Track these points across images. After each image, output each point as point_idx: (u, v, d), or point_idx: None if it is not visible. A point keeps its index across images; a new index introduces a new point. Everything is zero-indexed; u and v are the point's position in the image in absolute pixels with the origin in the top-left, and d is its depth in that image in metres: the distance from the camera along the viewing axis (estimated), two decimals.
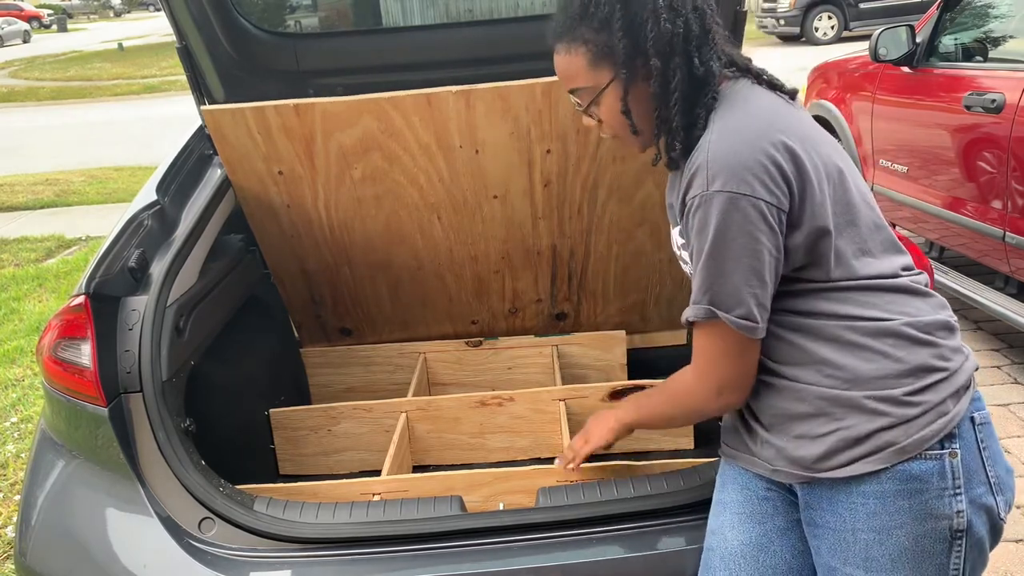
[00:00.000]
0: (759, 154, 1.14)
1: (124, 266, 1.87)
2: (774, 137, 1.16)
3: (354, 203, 2.32)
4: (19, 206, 7.85)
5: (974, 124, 3.42)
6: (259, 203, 2.33)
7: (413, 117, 2.10)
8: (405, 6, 2.71)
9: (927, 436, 1.17)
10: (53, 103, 16.78)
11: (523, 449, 2.52)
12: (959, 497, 1.17)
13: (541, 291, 2.69)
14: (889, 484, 1.17)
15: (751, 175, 1.12)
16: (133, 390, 1.75)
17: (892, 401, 1.17)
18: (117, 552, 1.67)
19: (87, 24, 45.21)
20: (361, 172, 2.22)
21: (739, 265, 1.14)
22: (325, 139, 2.14)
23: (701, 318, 1.19)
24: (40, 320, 4.70)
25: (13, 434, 3.51)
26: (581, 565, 1.58)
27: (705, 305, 1.18)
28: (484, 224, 2.42)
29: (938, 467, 1.17)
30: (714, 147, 1.16)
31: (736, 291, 1.16)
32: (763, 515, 1.35)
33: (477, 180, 2.27)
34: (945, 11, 3.90)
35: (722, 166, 1.14)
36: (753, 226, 1.13)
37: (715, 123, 1.20)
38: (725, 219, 1.13)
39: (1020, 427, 3.13)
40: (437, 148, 2.17)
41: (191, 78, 2.35)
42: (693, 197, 1.17)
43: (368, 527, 1.64)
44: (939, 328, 1.22)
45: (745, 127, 1.18)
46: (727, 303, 1.17)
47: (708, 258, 1.16)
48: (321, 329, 2.81)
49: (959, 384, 1.20)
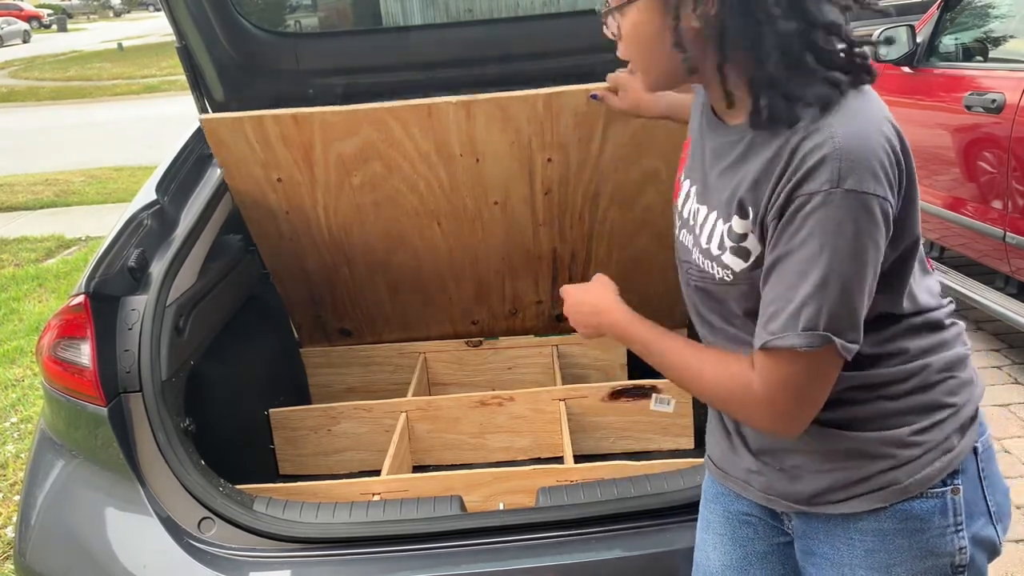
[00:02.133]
0: (883, 142, 0.95)
1: (124, 266, 1.87)
2: (886, 121, 0.98)
3: (353, 209, 2.32)
4: (19, 206, 7.84)
5: (974, 124, 3.41)
6: (257, 208, 2.33)
7: (413, 128, 2.10)
8: (405, 6, 2.70)
9: (930, 475, 1.09)
10: (53, 103, 16.76)
11: (523, 449, 2.52)
12: (961, 534, 1.11)
13: (541, 293, 2.69)
14: (888, 523, 1.11)
15: (881, 169, 0.94)
16: (133, 390, 1.75)
17: (897, 443, 1.09)
18: (117, 552, 1.67)
19: (87, 24, 45.18)
20: (360, 179, 2.22)
21: (860, 280, 0.96)
22: (324, 148, 2.14)
23: (814, 346, 0.96)
24: (40, 320, 4.69)
25: (13, 434, 3.51)
26: (581, 565, 1.58)
27: (820, 332, 0.95)
28: (484, 230, 2.42)
29: (940, 505, 1.10)
30: (846, 139, 0.94)
31: (854, 312, 0.97)
32: (743, 539, 1.30)
33: (477, 188, 2.27)
34: (945, 11, 3.90)
35: (854, 158, 0.93)
36: (880, 233, 0.95)
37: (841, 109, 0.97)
38: (856, 225, 0.93)
39: (1020, 427, 3.13)
40: (437, 157, 2.17)
41: (191, 78, 2.35)
42: (813, 193, 0.94)
43: (368, 527, 1.64)
44: (957, 363, 1.13)
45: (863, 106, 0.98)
46: (842, 326, 0.96)
47: (830, 272, 0.94)
48: (321, 329, 2.81)
49: (965, 417, 1.12)
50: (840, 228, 0.93)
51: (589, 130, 2.12)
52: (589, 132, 2.13)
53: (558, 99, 2.03)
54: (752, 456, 1.20)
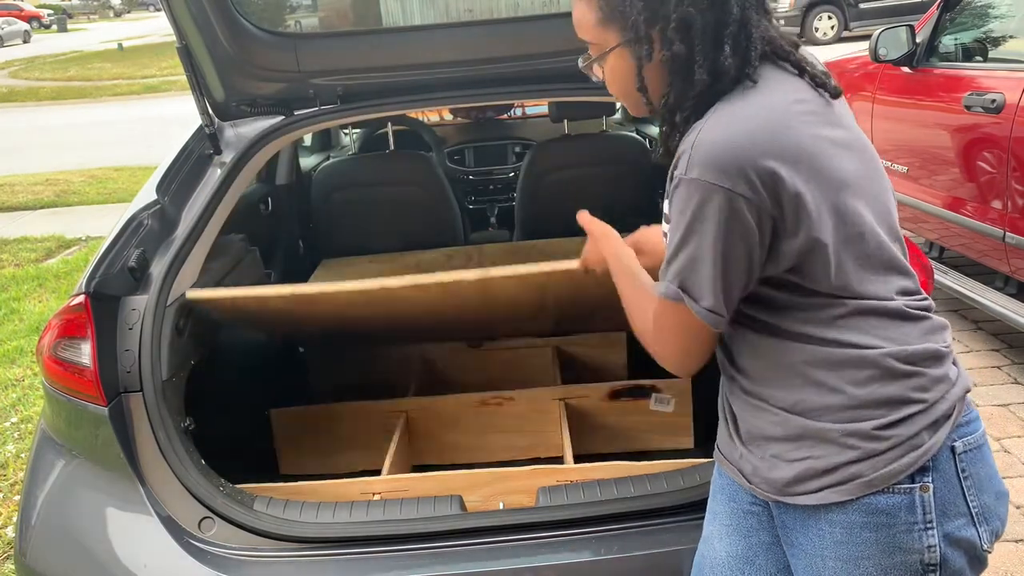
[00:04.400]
0: (744, 150, 1.06)
1: (124, 266, 1.87)
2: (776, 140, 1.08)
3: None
4: (19, 206, 7.85)
5: (974, 124, 3.41)
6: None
7: (422, 297, 2.03)
8: (405, 6, 2.70)
9: (895, 471, 1.12)
10: (53, 103, 16.77)
11: (523, 449, 2.52)
12: (931, 532, 1.13)
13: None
14: (855, 515, 1.14)
15: (735, 169, 1.06)
16: (133, 389, 1.75)
17: (861, 435, 1.13)
18: (117, 552, 1.67)
19: (87, 24, 45.17)
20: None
21: (714, 257, 1.09)
22: (322, 311, 2.15)
23: (670, 297, 1.14)
24: (40, 320, 4.69)
25: (13, 434, 3.51)
26: (581, 565, 1.58)
27: (676, 286, 1.13)
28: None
29: (907, 501, 1.12)
30: (704, 134, 1.09)
31: (707, 281, 1.11)
32: (748, 529, 1.33)
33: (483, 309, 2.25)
34: (945, 11, 3.90)
35: (705, 156, 1.07)
36: (730, 219, 1.07)
37: (719, 109, 1.11)
38: (703, 207, 1.08)
39: (1020, 427, 3.13)
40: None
41: (191, 78, 2.35)
42: (676, 178, 1.11)
43: (368, 527, 1.65)
44: (925, 358, 1.15)
45: (742, 118, 1.09)
46: (696, 291, 1.12)
47: (682, 242, 1.11)
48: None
49: (938, 414, 1.14)
50: (691, 207, 1.09)
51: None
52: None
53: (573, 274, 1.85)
54: (740, 442, 1.26)
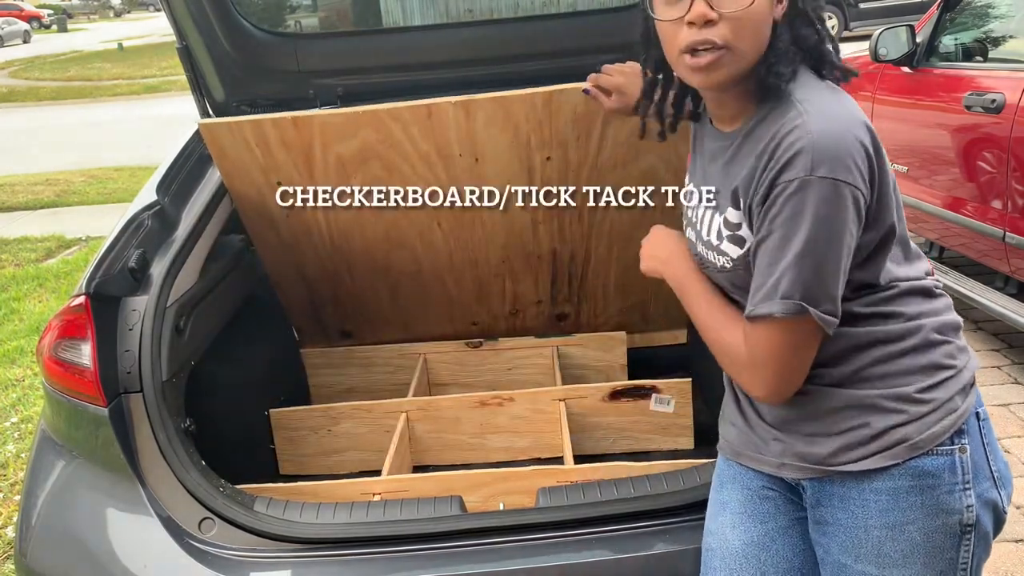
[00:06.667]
0: (855, 141, 1.09)
1: (124, 266, 1.87)
2: (860, 125, 1.11)
3: (353, 211, 2.32)
4: (19, 206, 7.84)
5: (974, 124, 3.41)
6: (257, 212, 2.33)
7: (412, 128, 2.09)
8: (405, 6, 2.71)
9: (939, 432, 1.17)
10: (53, 103, 16.76)
11: (523, 449, 2.52)
12: (969, 492, 1.19)
13: (541, 293, 2.69)
14: (902, 480, 1.18)
15: (853, 163, 1.07)
16: (133, 390, 1.75)
17: (906, 399, 1.18)
18: (117, 552, 1.67)
19: (87, 24, 45.14)
20: (360, 181, 2.21)
21: (834, 257, 1.09)
22: (323, 150, 2.14)
23: (791, 314, 1.10)
24: (40, 320, 4.69)
25: (13, 434, 3.51)
26: (581, 565, 1.58)
27: (796, 301, 1.09)
28: (484, 230, 2.42)
29: (949, 463, 1.18)
30: (816, 129, 1.08)
31: (828, 285, 1.10)
32: (764, 514, 1.34)
33: (477, 188, 2.27)
34: (945, 11, 3.90)
35: (827, 151, 1.07)
36: (850, 216, 1.08)
37: (805, 101, 1.12)
38: (828, 207, 1.07)
39: (1020, 427, 3.13)
40: (437, 157, 2.17)
41: (191, 78, 2.35)
42: (790, 180, 1.08)
43: (368, 527, 1.64)
44: (953, 328, 1.24)
45: (840, 110, 1.12)
46: (818, 297, 1.10)
47: (805, 248, 1.08)
48: (321, 331, 2.81)
49: (966, 381, 1.22)
50: (811, 210, 1.07)
51: (587, 128, 2.12)
52: (587, 130, 2.13)
53: (557, 97, 2.03)
54: (769, 427, 1.28)
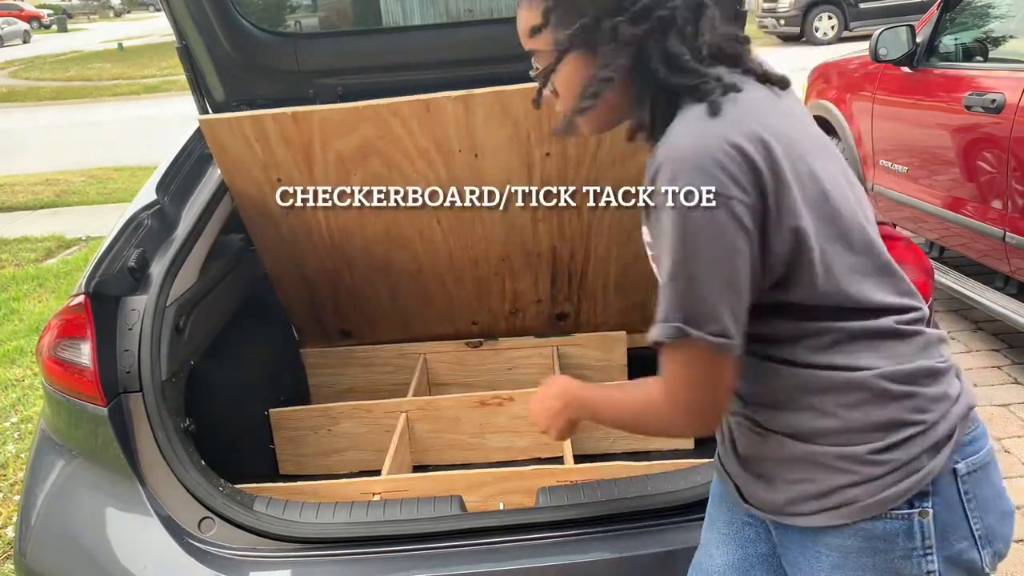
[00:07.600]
0: (726, 144, 0.99)
1: (124, 266, 1.87)
2: (747, 127, 1.02)
3: (353, 210, 2.32)
4: (19, 206, 7.84)
5: (974, 124, 3.41)
6: (257, 209, 2.33)
7: (412, 123, 2.09)
8: (405, 6, 2.71)
9: (892, 496, 1.06)
10: (53, 103, 16.76)
11: (523, 449, 2.52)
12: (929, 557, 1.08)
13: (541, 292, 2.69)
14: (852, 540, 1.09)
15: (719, 169, 0.98)
16: (133, 390, 1.75)
17: (855, 459, 1.07)
18: (117, 552, 1.67)
19: (87, 24, 45.15)
20: (360, 178, 2.21)
21: (712, 273, 1.00)
22: (323, 146, 2.14)
23: (671, 338, 1.02)
24: (40, 320, 4.69)
25: (13, 434, 3.51)
26: (581, 565, 1.58)
27: (674, 324, 1.01)
28: (484, 227, 2.41)
29: (905, 527, 1.07)
30: (679, 139, 1.02)
31: (708, 304, 1.00)
32: (746, 540, 1.32)
33: (476, 184, 2.27)
34: (945, 11, 3.89)
35: (686, 159, 0.99)
36: (724, 228, 0.99)
37: (685, 111, 1.05)
38: (695, 221, 0.98)
39: (1020, 427, 3.13)
40: (436, 153, 2.17)
41: (191, 78, 2.35)
42: (653, 196, 1.03)
43: (368, 527, 1.64)
44: (921, 376, 1.08)
45: (710, 126, 1.02)
46: (698, 319, 1.00)
47: (674, 267, 1.01)
48: (321, 331, 2.81)
49: (939, 436, 1.07)
50: (680, 224, 0.99)
51: None
52: None
53: None
54: (738, 460, 1.23)
